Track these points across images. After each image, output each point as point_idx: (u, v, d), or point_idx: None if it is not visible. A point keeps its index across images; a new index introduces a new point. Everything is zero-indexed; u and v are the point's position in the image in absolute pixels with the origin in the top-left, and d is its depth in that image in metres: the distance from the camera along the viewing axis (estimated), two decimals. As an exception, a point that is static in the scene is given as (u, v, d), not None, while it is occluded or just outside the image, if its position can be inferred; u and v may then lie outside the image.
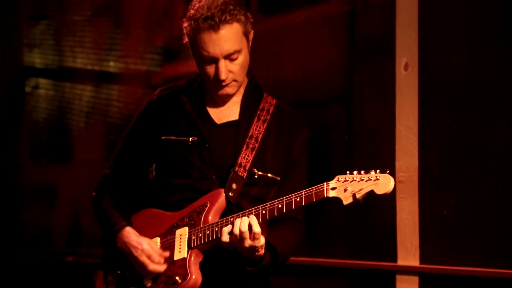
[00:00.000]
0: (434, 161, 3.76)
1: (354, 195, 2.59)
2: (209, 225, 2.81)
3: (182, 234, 2.87)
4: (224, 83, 2.87)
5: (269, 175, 2.91)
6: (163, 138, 2.96)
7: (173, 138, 2.95)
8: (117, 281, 2.96)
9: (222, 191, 2.86)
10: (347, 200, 2.60)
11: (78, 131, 5.89)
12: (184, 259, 2.83)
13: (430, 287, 3.76)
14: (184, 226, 2.88)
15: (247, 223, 2.70)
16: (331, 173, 2.69)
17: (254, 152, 2.89)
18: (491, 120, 3.59)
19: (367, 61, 4.03)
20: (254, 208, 2.75)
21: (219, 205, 2.86)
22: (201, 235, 2.82)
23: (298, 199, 2.67)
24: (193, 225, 2.85)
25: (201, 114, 2.96)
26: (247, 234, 2.69)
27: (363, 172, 2.61)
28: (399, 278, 3.85)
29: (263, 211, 2.72)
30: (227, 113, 2.97)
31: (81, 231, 5.72)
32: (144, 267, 2.86)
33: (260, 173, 2.89)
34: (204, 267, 2.83)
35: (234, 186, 2.86)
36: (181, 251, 2.85)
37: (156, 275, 2.86)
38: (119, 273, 2.96)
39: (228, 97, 2.95)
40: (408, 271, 3.80)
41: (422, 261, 3.77)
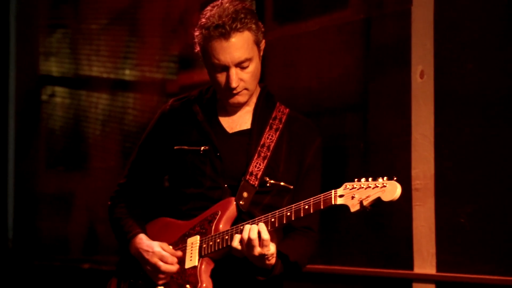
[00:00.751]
0: (450, 168, 3.75)
1: (361, 202, 2.59)
2: (219, 234, 2.82)
3: (193, 242, 2.87)
4: (235, 91, 2.87)
5: (282, 183, 2.90)
6: (175, 148, 2.97)
7: (185, 148, 2.95)
8: (129, 290, 2.98)
9: (232, 199, 2.86)
10: (354, 207, 2.60)
11: (94, 139, 5.92)
12: (195, 267, 2.83)
13: (446, 295, 3.75)
14: (195, 234, 2.88)
15: (256, 230, 2.70)
16: (346, 182, 2.69)
17: (266, 160, 2.89)
18: (508, 127, 3.58)
19: (382, 69, 4.03)
20: (263, 216, 2.75)
21: (230, 213, 2.85)
22: (211, 243, 2.82)
23: (306, 207, 2.67)
24: (204, 233, 2.86)
25: (213, 123, 2.96)
26: (256, 241, 2.69)
27: (370, 179, 2.61)
28: (415, 286, 3.84)
29: (272, 219, 2.72)
30: (239, 122, 2.97)
31: (97, 238, 5.74)
32: (156, 268, 2.86)
33: (272, 182, 2.89)
34: (215, 276, 2.83)
35: (245, 194, 2.86)
36: (192, 259, 2.85)
37: (167, 284, 2.87)
38: (131, 281, 2.97)
39: (239, 106, 2.95)
40: (424, 279, 3.79)
41: (438, 269, 3.76)
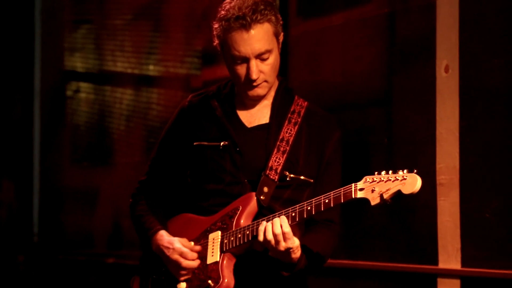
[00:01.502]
0: (475, 163, 3.73)
1: (381, 196, 2.57)
2: (240, 229, 2.81)
3: (214, 238, 2.87)
4: (255, 84, 2.87)
5: (302, 177, 2.90)
6: (195, 144, 2.97)
7: (205, 143, 2.95)
8: (152, 286, 2.97)
9: (253, 194, 2.86)
10: (374, 200, 2.59)
11: (118, 134, 5.94)
12: (216, 263, 2.83)
13: (472, 290, 3.73)
14: (217, 230, 2.88)
15: (279, 225, 2.70)
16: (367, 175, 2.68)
17: (285, 155, 2.88)
18: (534, 122, 3.56)
19: (407, 63, 4.01)
20: (284, 210, 2.75)
21: (250, 208, 2.85)
22: (233, 238, 2.82)
23: (326, 201, 2.66)
24: (225, 229, 2.86)
25: (231, 118, 2.96)
26: (281, 236, 2.69)
27: (390, 172, 2.60)
28: (440, 281, 3.83)
29: (293, 214, 2.72)
30: (258, 117, 2.97)
31: (121, 233, 5.77)
32: (177, 265, 2.87)
33: (292, 176, 2.88)
34: (237, 271, 2.83)
35: (265, 189, 2.85)
36: (213, 255, 2.85)
37: (189, 279, 2.87)
38: (154, 277, 2.97)
39: (258, 99, 2.95)
40: (449, 274, 3.78)
41: (463, 264, 3.74)
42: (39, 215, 6.46)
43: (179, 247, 2.87)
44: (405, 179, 2.56)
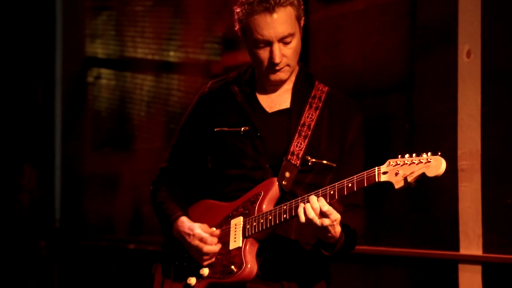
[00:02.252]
0: (497, 149, 3.71)
1: (405, 179, 2.57)
2: (262, 214, 2.82)
3: (237, 223, 2.88)
4: (277, 67, 2.87)
5: (324, 161, 2.90)
6: (216, 130, 2.98)
7: (226, 129, 2.96)
8: (174, 272, 2.98)
9: (275, 180, 2.86)
10: (398, 184, 2.58)
11: (139, 120, 5.96)
12: (239, 248, 2.84)
13: (493, 276, 3.72)
14: (239, 215, 2.89)
15: (317, 204, 2.68)
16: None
17: (307, 139, 2.88)
18: (556, 107, 3.54)
19: (428, 48, 3.99)
20: (306, 195, 2.75)
21: (272, 194, 2.86)
22: (255, 224, 2.82)
23: (349, 185, 2.66)
24: (247, 214, 2.87)
25: (252, 103, 2.96)
26: (330, 210, 2.66)
27: (414, 155, 2.59)
28: (461, 267, 3.82)
29: None
30: (278, 102, 2.97)
31: (142, 219, 5.79)
32: (198, 250, 2.88)
33: (313, 160, 2.88)
34: (260, 256, 2.84)
35: (287, 174, 2.86)
36: (236, 241, 2.86)
37: (212, 265, 2.88)
38: (176, 264, 2.98)
39: (280, 83, 2.95)
40: (470, 260, 3.77)
41: (485, 250, 3.73)
42: (60, 201, 6.49)
43: (199, 232, 2.88)
44: (429, 161, 2.55)
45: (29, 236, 6.38)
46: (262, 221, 2.81)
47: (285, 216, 2.76)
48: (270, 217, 2.79)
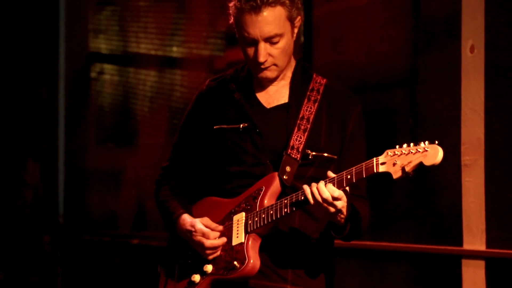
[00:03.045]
0: (500, 144, 3.71)
1: (403, 169, 2.55)
2: (264, 209, 2.81)
3: (239, 219, 2.87)
4: (263, 66, 2.86)
5: (325, 154, 2.89)
6: (215, 127, 2.97)
7: (225, 126, 2.95)
8: (179, 270, 2.98)
9: (275, 174, 2.85)
10: (396, 174, 2.56)
11: (142, 115, 5.96)
12: (241, 244, 2.83)
13: (497, 271, 3.71)
14: (241, 211, 2.88)
15: (325, 189, 2.67)
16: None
17: (306, 133, 2.87)
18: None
19: (432, 43, 3.99)
20: (300, 191, 2.73)
21: (274, 188, 2.85)
22: (257, 219, 2.82)
23: (349, 176, 2.65)
24: (249, 210, 2.86)
25: (250, 99, 2.95)
26: (341, 194, 2.65)
27: (412, 144, 2.57)
28: (465, 262, 3.82)
29: None
30: (276, 97, 2.95)
31: (146, 214, 5.80)
32: (201, 245, 2.88)
33: (314, 153, 2.87)
34: (263, 251, 2.83)
35: (288, 169, 2.85)
36: (238, 236, 2.85)
37: (215, 262, 2.88)
38: (181, 261, 2.98)
39: (268, 81, 2.93)
40: (474, 255, 3.77)
41: (488, 245, 3.73)
42: (64, 196, 6.50)
43: (201, 228, 2.88)
44: (427, 150, 2.53)
45: (33, 231, 6.40)
46: (263, 216, 2.81)
47: (286, 210, 2.76)
48: (271, 212, 2.79)
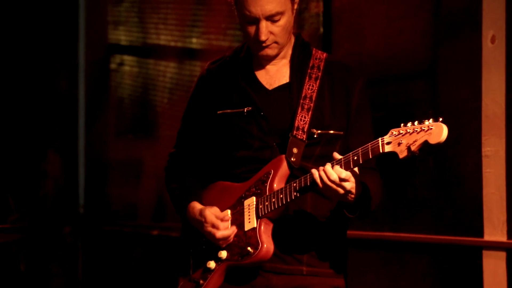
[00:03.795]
0: (521, 135, 3.70)
1: (409, 148, 2.52)
2: (274, 193, 2.79)
3: (250, 204, 2.86)
4: (264, 44, 2.84)
5: (331, 132, 2.86)
6: (219, 112, 2.95)
7: (229, 111, 2.93)
8: (193, 257, 2.98)
9: (283, 157, 2.83)
10: (402, 153, 2.54)
11: (162, 107, 5.97)
12: (254, 229, 2.82)
13: (518, 263, 3.71)
14: (251, 196, 2.87)
15: (333, 172, 2.66)
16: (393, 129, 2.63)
17: (310, 112, 2.84)
18: None
19: (452, 34, 3.97)
20: (307, 174, 2.71)
21: (282, 171, 2.83)
22: (267, 203, 2.80)
23: (355, 158, 2.62)
24: (259, 194, 2.84)
25: (251, 82, 2.92)
26: (348, 176, 2.64)
27: (416, 122, 2.55)
28: (485, 253, 3.81)
29: None
30: (277, 77, 2.93)
31: (165, 205, 5.82)
32: (213, 236, 2.87)
33: (319, 132, 2.84)
34: (276, 235, 2.81)
35: (295, 150, 2.82)
36: (250, 221, 2.84)
37: (229, 247, 2.87)
38: (196, 248, 2.98)
39: (269, 59, 2.91)
40: (495, 246, 3.76)
41: (509, 236, 3.72)
42: (84, 187, 6.53)
43: (211, 219, 2.87)
44: (431, 128, 2.51)
45: (54, 222, 6.43)
46: (274, 200, 2.78)
47: (295, 194, 2.74)
48: (281, 196, 2.77)
